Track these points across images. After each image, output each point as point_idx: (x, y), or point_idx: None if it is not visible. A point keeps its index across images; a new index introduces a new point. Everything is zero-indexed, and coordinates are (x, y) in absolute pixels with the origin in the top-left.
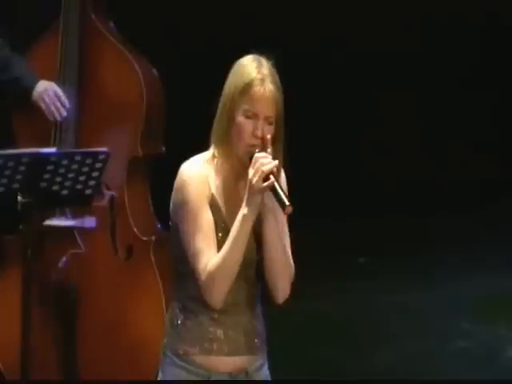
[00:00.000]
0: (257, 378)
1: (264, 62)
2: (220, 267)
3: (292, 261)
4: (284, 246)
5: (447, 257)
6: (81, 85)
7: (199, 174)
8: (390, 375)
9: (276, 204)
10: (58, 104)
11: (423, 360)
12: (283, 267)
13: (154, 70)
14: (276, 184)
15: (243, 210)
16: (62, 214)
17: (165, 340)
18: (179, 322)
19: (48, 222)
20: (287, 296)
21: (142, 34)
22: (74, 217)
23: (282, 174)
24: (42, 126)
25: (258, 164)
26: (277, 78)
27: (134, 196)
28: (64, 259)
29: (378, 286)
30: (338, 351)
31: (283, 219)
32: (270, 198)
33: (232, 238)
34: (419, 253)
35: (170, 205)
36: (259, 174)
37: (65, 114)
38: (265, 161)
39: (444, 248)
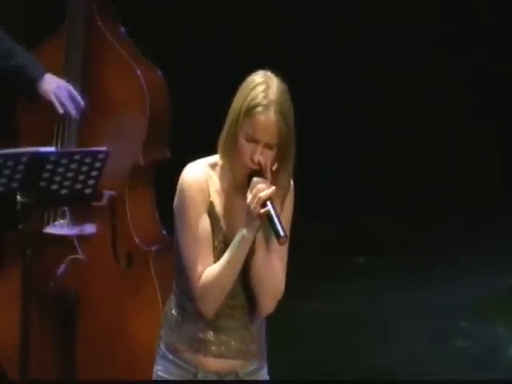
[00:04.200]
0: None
1: (274, 83)
2: (214, 281)
3: (283, 281)
4: (272, 266)
5: (447, 257)
6: (85, 91)
7: (199, 179)
8: (390, 375)
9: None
10: (72, 105)
11: (423, 360)
12: (269, 285)
13: (160, 74)
14: (272, 212)
15: (242, 232)
16: (62, 219)
17: (161, 332)
18: (174, 316)
19: (48, 230)
20: (270, 312)
21: (149, 35)
22: (74, 225)
23: (291, 195)
24: (45, 124)
25: (255, 190)
26: (284, 102)
27: (135, 203)
28: (63, 267)
29: (378, 285)
30: (338, 351)
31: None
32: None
33: (229, 257)
34: (419, 253)
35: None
36: (256, 199)
37: (75, 115)
38: (262, 187)
39: (443, 248)
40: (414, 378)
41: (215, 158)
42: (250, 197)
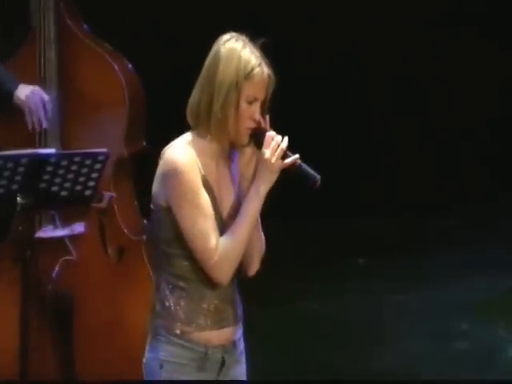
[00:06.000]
0: (240, 347)
1: (248, 42)
2: (233, 245)
3: (263, 236)
4: (259, 231)
5: (447, 257)
6: (62, 90)
7: (190, 157)
8: (390, 375)
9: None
10: (42, 113)
11: (423, 360)
12: (257, 248)
13: (131, 66)
14: (299, 160)
15: (257, 188)
16: (51, 224)
17: (156, 321)
18: (171, 302)
19: (38, 235)
20: (257, 269)
21: (111, 29)
22: (63, 226)
23: None
24: (25, 131)
25: (273, 143)
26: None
27: (121, 196)
28: (57, 269)
29: (378, 286)
30: (338, 352)
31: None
32: None
33: (245, 215)
34: (419, 253)
35: (156, 190)
36: (278, 151)
37: (45, 125)
38: (279, 138)
39: (443, 248)
40: (413, 379)
41: (188, 137)
42: (267, 152)
